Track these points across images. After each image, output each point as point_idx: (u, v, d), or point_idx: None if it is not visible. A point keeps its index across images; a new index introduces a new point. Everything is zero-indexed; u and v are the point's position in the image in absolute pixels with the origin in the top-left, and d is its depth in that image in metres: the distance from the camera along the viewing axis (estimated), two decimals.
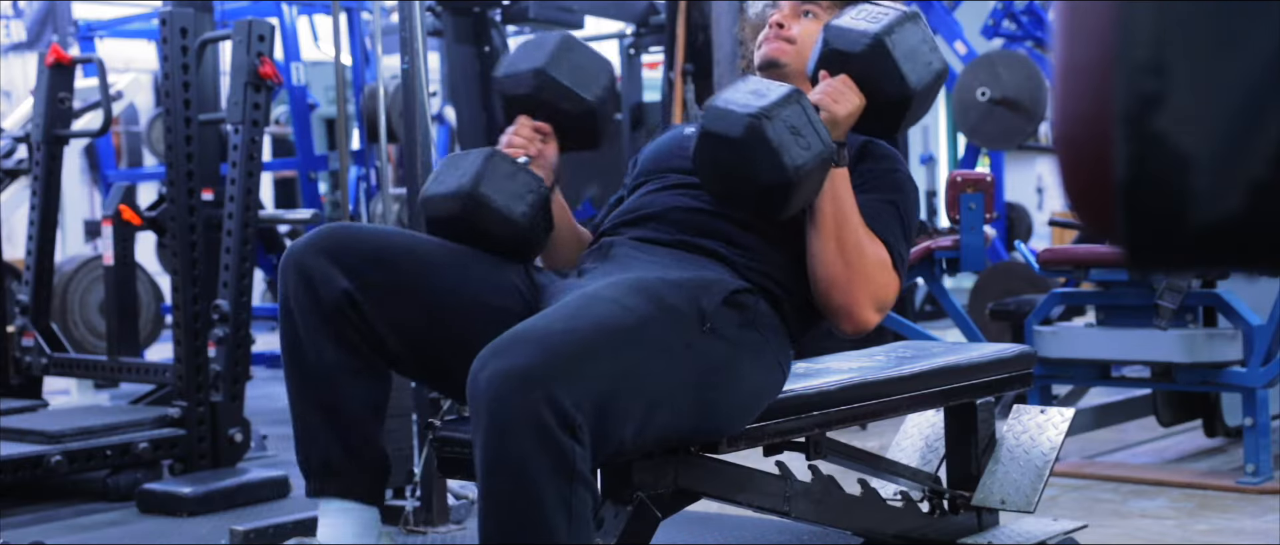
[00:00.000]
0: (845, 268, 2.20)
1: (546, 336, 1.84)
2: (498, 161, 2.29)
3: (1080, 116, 0.79)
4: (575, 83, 2.35)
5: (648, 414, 1.95)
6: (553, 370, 1.80)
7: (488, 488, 1.83)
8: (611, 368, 1.88)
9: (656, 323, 1.98)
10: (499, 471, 1.81)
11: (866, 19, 2.27)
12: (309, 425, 2.16)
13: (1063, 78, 0.80)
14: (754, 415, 2.22)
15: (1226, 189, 0.73)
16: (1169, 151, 0.73)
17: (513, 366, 1.79)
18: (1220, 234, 0.74)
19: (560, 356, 1.81)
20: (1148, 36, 0.73)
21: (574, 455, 1.81)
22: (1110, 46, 0.75)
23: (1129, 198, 0.75)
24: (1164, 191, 0.74)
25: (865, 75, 2.23)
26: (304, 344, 2.13)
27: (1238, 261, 0.79)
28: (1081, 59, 0.79)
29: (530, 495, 1.80)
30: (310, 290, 2.11)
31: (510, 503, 1.82)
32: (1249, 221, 0.73)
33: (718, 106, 2.11)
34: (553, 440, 1.79)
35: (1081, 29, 0.78)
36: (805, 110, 2.10)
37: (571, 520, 1.83)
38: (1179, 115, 0.73)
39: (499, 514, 1.83)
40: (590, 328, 1.89)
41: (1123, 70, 0.74)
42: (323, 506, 2.18)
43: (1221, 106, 0.72)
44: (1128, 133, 0.74)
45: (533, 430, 1.78)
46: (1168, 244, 0.76)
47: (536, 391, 1.78)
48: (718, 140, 2.09)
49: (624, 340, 1.92)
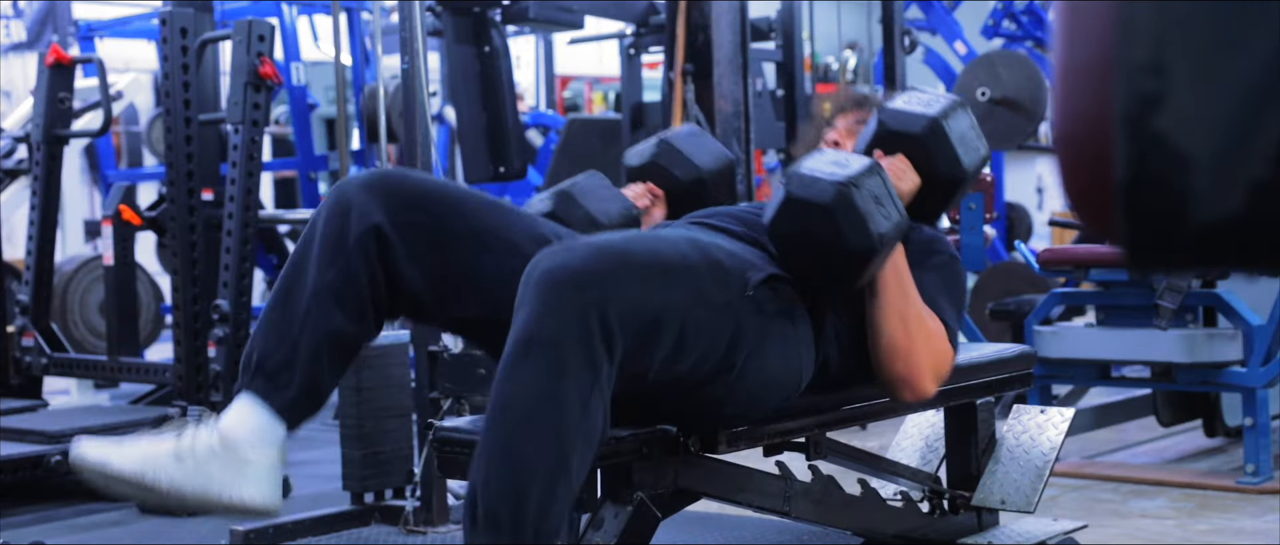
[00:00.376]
0: (907, 338, 2.27)
1: (607, 250, 1.92)
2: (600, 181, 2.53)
3: (1080, 116, 0.79)
4: (691, 151, 2.58)
5: (676, 351, 1.99)
6: (608, 282, 1.87)
7: (514, 358, 1.86)
8: (658, 298, 1.94)
9: (704, 274, 2.05)
10: (533, 346, 1.85)
11: (921, 104, 2.41)
12: (266, 324, 2.14)
13: (1063, 78, 0.80)
14: (760, 406, 2.21)
15: (1226, 189, 0.73)
16: (1169, 151, 0.73)
17: (573, 265, 1.87)
18: (1220, 234, 0.74)
19: (617, 272, 1.89)
20: (1148, 36, 0.73)
21: (603, 366, 1.87)
22: (1110, 46, 0.75)
23: (1129, 198, 0.75)
24: (1164, 191, 0.74)
25: (922, 156, 2.37)
26: (309, 263, 2.13)
27: (1238, 261, 0.79)
28: (1081, 59, 0.79)
29: (556, 373, 1.84)
30: (342, 219, 2.13)
31: (534, 374, 1.85)
32: (1249, 221, 0.73)
33: (803, 174, 2.18)
34: (590, 342, 1.85)
35: (1081, 29, 0.78)
36: (885, 182, 2.19)
37: (584, 417, 1.86)
38: (1179, 115, 0.73)
39: (519, 381, 1.85)
40: (647, 255, 1.97)
41: (1123, 70, 0.74)
42: (239, 398, 2.12)
43: (1221, 106, 0.72)
44: (1128, 133, 0.74)
45: (576, 324, 1.84)
46: (1168, 244, 0.76)
47: (590, 293, 1.85)
48: (805, 206, 2.16)
49: (673, 277, 1.99)
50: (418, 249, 2.14)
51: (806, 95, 7.17)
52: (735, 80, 5.20)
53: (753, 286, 2.10)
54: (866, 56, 9.92)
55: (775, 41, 6.78)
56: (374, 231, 2.12)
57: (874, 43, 7.87)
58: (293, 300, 2.13)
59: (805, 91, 7.13)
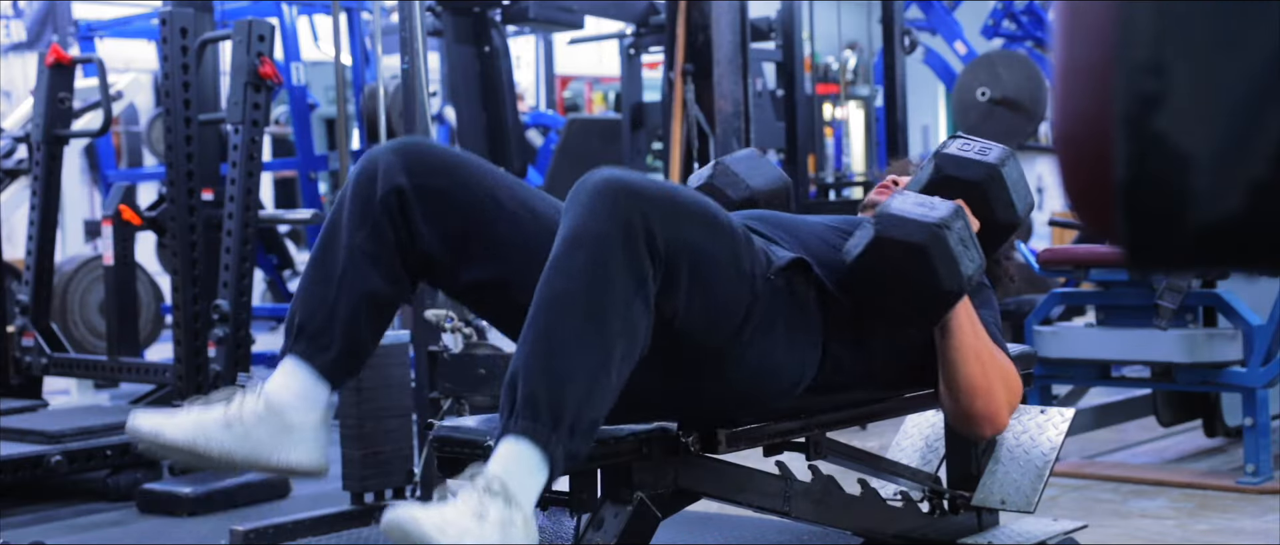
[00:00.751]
0: (985, 377, 2.33)
1: (658, 182, 2.01)
2: None
3: (1080, 116, 0.79)
4: (745, 173, 2.71)
5: (703, 298, 2.03)
6: (658, 203, 1.94)
7: (563, 252, 1.90)
8: (699, 236, 2.00)
9: (741, 241, 2.10)
10: (583, 242, 1.89)
11: (977, 152, 2.47)
12: (306, 288, 2.20)
13: (1063, 78, 0.80)
14: (760, 392, 2.20)
15: (1226, 189, 0.73)
16: (1169, 151, 0.73)
17: (627, 179, 1.93)
18: (1220, 234, 0.74)
19: (666, 199, 1.96)
20: (1148, 36, 0.73)
21: (648, 277, 1.92)
22: (1110, 46, 0.75)
23: (1129, 198, 0.75)
24: (1164, 191, 0.74)
25: (980, 201, 2.42)
26: (341, 226, 2.19)
27: (1238, 261, 0.79)
28: (1081, 59, 0.79)
29: (604, 270, 1.89)
30: (369, 182, 2.18)
31: (583, 267, 1.89)
32: (1249, 221, 0.73)
33: (892, 214, 2.22)
34: (637, 247, 1.90)
35: (1081, 29, 0.78)
36: (968, 225, 2.24)
37: (628, 317, 1.90)
38: (1179, 115, 0.73)
39: (568, 273, 1.89)
40: (694, 201, 2.05)
41: (1123, 70, 0.74)
42: (282, 363, 2.17)
43: (1221, 106, 0.72)
44: (1128, 133, 0.74)
45: (625, 228, 1.90)
46: (1168, 244, 0.76)
47: (642, 205, 1.91)
48: (897, 246, 2.20)
49: (717, 229, 2.05)
50: (437, 209, 2.19)
51: (806, 95, 7.17)
52: (735, 80, 5.21)
53: (775, 270, 2.15)
54: (866, 56, 9.92)
55: (775, 41, 6.79)
56: (396, 192, 2.16)
57: (874, 43, 7.87)
58: (328, 262, 2.18)
59: (805, 91, 7.13)
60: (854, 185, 7.72)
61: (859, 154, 11.74)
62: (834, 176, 8.09)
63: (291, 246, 8.13)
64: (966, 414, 2.35)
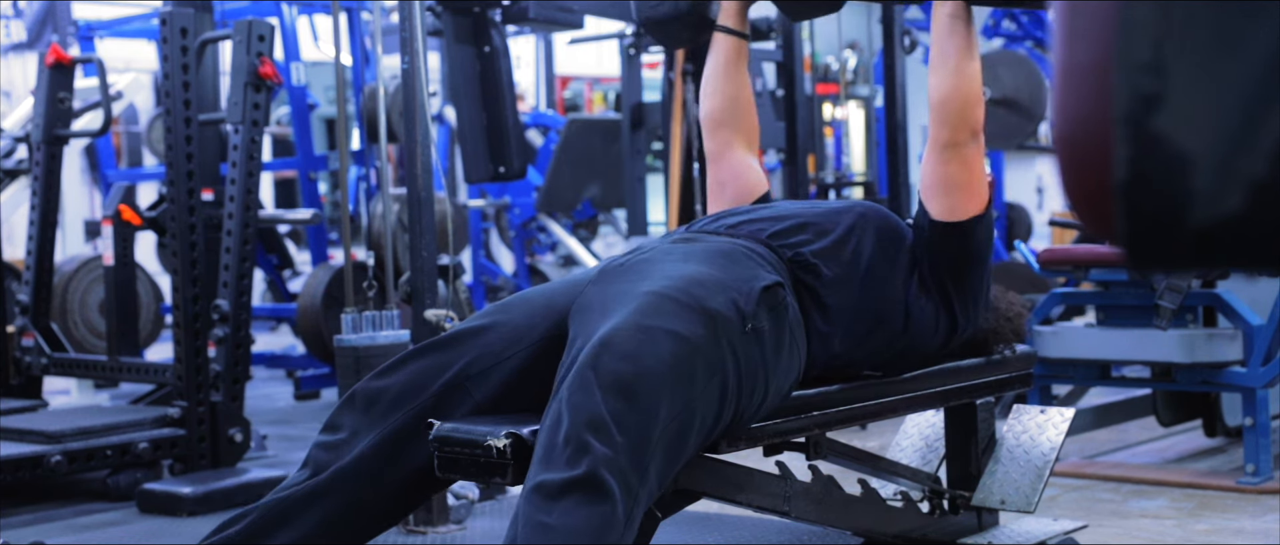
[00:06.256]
0: None
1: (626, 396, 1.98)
2: None
3: (1080, 116, 0.79)
4: None
5: (682, 437, 2.05)
6: (622, 453, 1.95)
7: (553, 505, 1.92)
8: (669, 414, 2.01)
9: (708, 343, 2.08)
10: (572, 487, 1.91)
11: None
12: None
13: (1063, 78, 0.80)
14: (768, 411, 2.25)
15: (1226, 189, 0.73)
16: (1169, 151, 0.73)
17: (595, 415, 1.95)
18: (1220, 234, 0.74)
19: (629, 441, 1.95)
20: (1148, 36, 0.73)
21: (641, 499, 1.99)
22: (1110, 46, 0.75)
23: (1129, 198, 0.75)
24: (1164, 191, 0.74)
25: None
26: None
27: (1238, 261, 0.79)
28: (1081, 59, 0.79)
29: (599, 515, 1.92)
30: (335, 450, 2.29)
31: (580, 517, 1.91)
32: (1249, 221, 0.73)
33: None
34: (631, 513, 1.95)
35: (1081, 29, 0.78)
36: None
37: None
38: (1179, 115, 0.73)
39: (569, 516, 1.91)
40: (653, 382, 2.00)
41: (1123, 70, 0.74)
42: None
43: (1221, 106, 0.72)
44: (1128, 133, 0.74)
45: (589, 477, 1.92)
46: (1168, 244, 0.76)
47: (619, 462, 1.94)
48: None
49: (681, 379, 2.03)
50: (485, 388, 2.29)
51: (807, 95, 7.17)
52: None
53: (749, 318, 2.15)
54: (866, 56, 9.92)
55: (775, 41, 6.78)
56: (370, 454, 2.27)
57: (874, 43, 7.86)
58: None
59: (805, 91, 7.13)
60: (854, 185, 7.72)
61: (859, 154, 11.74)
62: (834, 176, 8.08)
63: (291, 246, 8.12)
64: None
